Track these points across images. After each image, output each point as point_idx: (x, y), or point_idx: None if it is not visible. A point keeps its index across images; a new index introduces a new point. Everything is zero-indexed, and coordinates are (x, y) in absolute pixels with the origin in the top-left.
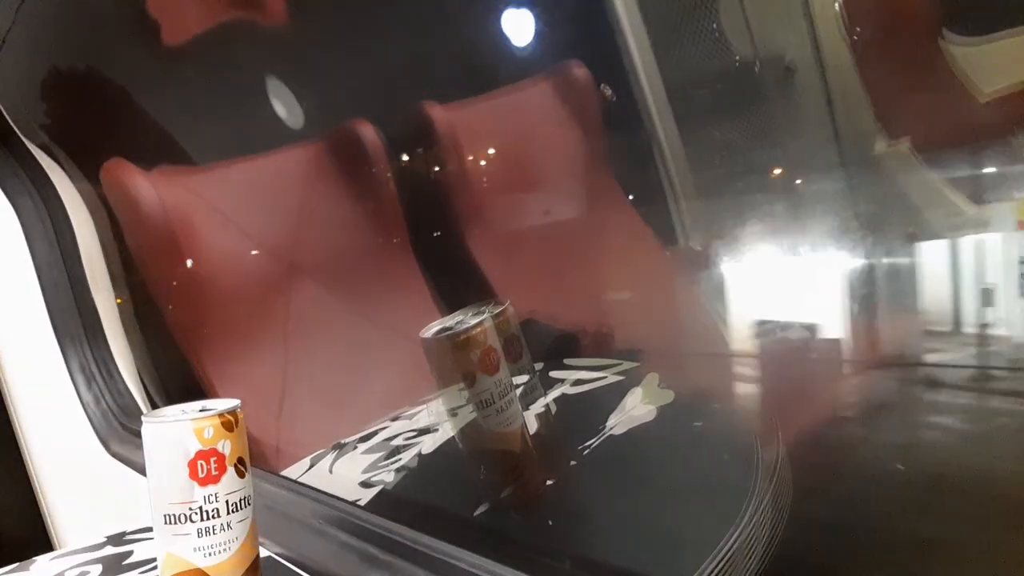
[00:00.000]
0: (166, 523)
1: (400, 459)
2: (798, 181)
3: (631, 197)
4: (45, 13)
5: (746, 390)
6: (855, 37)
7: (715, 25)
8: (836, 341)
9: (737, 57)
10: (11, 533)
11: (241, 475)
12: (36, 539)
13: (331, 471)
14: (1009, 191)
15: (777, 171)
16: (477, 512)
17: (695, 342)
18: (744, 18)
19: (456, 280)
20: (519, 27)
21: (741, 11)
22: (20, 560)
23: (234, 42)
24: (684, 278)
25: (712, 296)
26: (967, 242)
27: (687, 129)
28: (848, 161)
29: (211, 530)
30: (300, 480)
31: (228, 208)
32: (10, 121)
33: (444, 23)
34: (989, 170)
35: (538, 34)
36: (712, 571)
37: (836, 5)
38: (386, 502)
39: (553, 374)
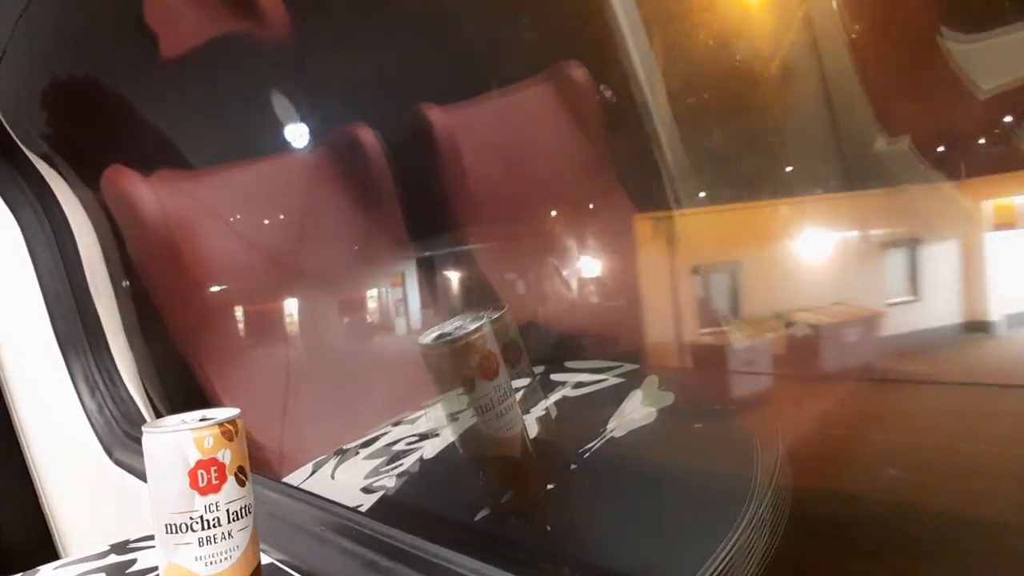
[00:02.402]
0: (167, 532)
1: (401, 464)
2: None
3: (634, 198)
4: (44, 23)
5: (747, 392)
6: (853, 35)
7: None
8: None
9: (737, 56)
10: (16, 542)
11: (242, 484)
12: (41, 548)
13: (333, 477)
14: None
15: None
16: (478, 517)
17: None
18: (743, 15)
19: (456, 284)
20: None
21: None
22: (25, 569)
23: (233, 48)
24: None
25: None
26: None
27: (688, 129)
28: (848, 160)
29: (212, 539)
30: (302, 486)
31: (228, 213)
32: (10, 131)
33: (442, 25)
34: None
35: (537, 34)
36: (712, 574)
37: (834, 3)
38: (388, 507)
39: (554, 377)
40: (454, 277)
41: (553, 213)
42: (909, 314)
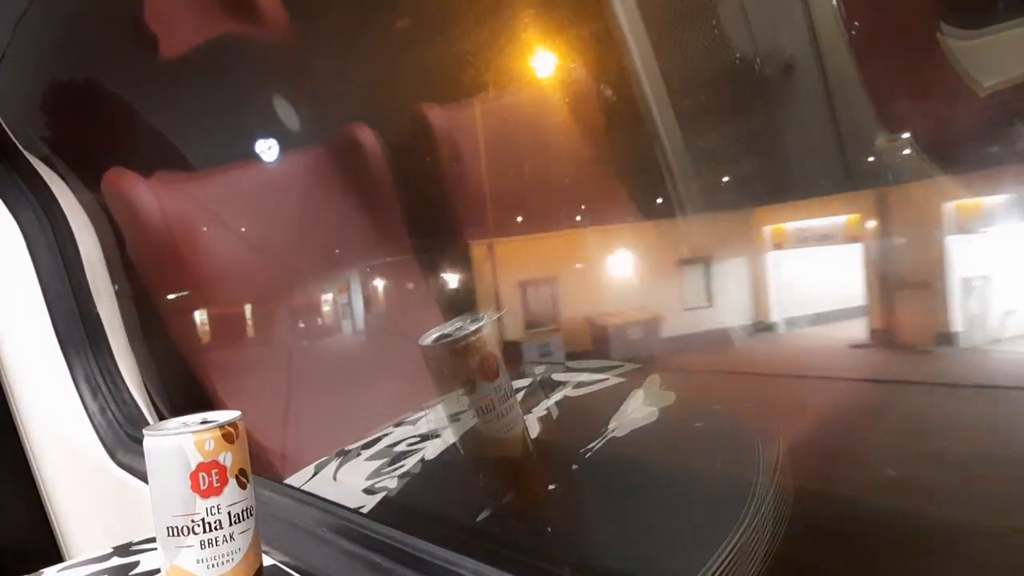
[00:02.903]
0: (169, 535)
1: (403, 465)
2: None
3: (635, 199)
4: (44, 26)
5: (748, 392)
6: (853, 32)
7: (714, 22)
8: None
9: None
10: (20, 545)
11: (243, 486)
12: (44, 550)
13: (335, 478)
14: None
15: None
16: (479, 518)
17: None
18: (743, 14)
19: (458, 284)
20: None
21: (740, 6)
22: (29, 572)
23: (232, 50)
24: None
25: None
26: None
27: (689, 128)
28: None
29: (214, 542)
30: (305, 487)
31: (229, 214)
32: (11, 134)
33: (442, 26)
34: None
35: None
36: (713, 574)
37: (834, 0)
38: (389, 508)
39: (555, 377)
40: (454, 278)
41: (555, 210)
42: (704, 317)
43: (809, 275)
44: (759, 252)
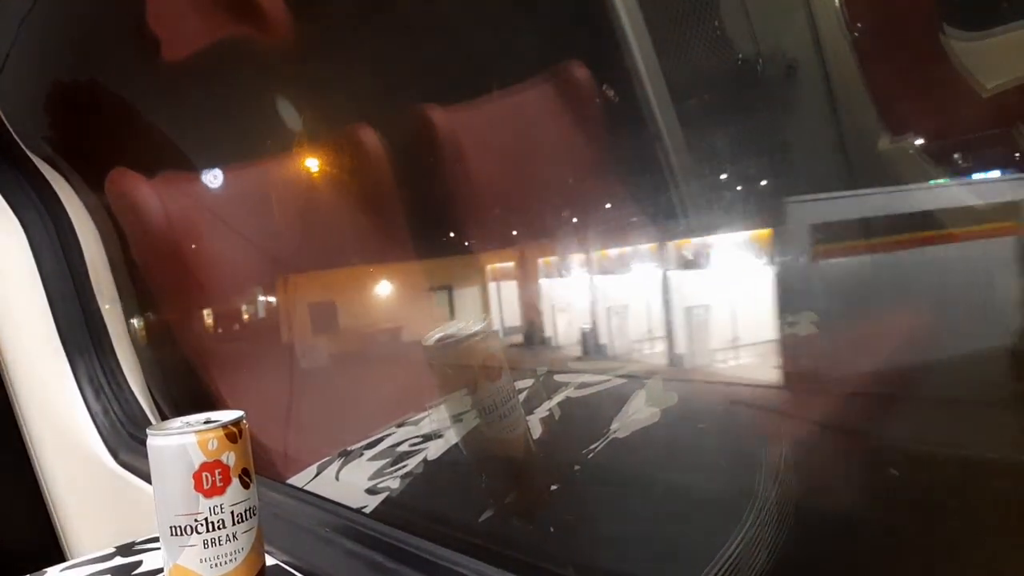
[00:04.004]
0: (172, 535)
1: (405, 465)
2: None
3: (635, 199)
4: (48, 27)
5: (750, 392)
6: (856, 33)
7: (716, 23)
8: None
9: (739, 55)
10: (22, 544)
11: (246, 486)
12: (47, 550)
13: (337, 478)
14: None
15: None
16: (482, 518)
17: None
18: (746, 15)
19: (458, 285)
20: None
21: (743, 8)
22: (32, 571)
23: (236, 51)
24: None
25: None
26: None
27: (690, 130)
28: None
29: (217, 541)
30: (307, 487)
31: (231, 215)
32: (15, 135)
33: (444, 26)
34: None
35: (539, 35)
36: (716, 575)
37: (836, 1)
38: (392, 509)
39: (558, 377)
40: (456, 278)
41: (556, 212)
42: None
43: (511, 299)
44: (484, 283)
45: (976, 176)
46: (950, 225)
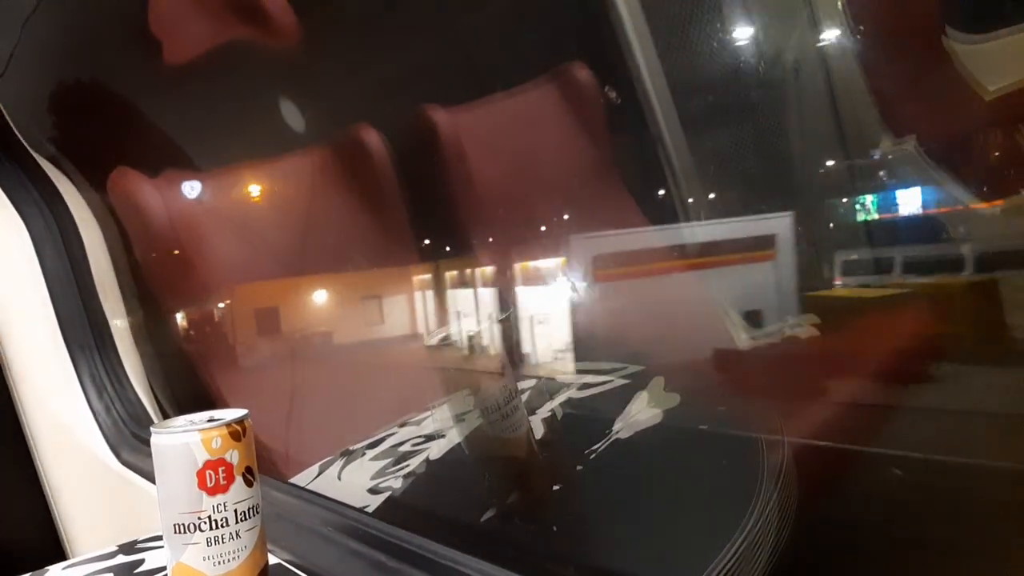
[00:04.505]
0: (175, 532)
1: (408, 465)
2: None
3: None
4: (51, 27)
5: (751, 392)
6: (858, 36)
7: (719, 24)
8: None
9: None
10: (25, 543)
11: (249, 484)
12: (49, 548)
13: (340, 478)
14: None
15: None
16: (484, 518)
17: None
18: (748, 17)
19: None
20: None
21: (745, 10)
22: (34, 570)
23: (239, 51)
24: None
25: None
26: None
27: (693, 131)
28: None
29: (220, 539)
30: (309, 487)
31: (233, 215)
32: (18, 134)
33: (447, 27)
34: None
35: (541, 36)
36: (718, 575)
37: (839, 3)
38: (394, 508)
39: (560, 378)
40: (459, 279)
41: (559, 213)
42: (377, 330)
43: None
44: (411, 292)
45: (733, 218)
46: (704, 255)
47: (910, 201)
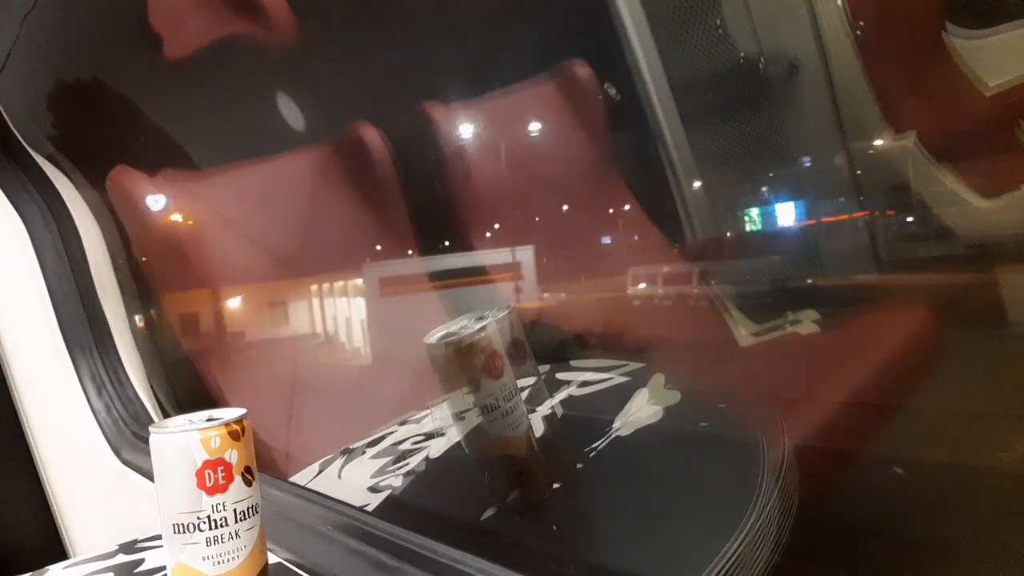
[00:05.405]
0: (175, 532)
1: (408, 464)
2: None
3: (637, 196)
4: (49, 25)
5: (752, 390)
6: (858, 32)
7: (719, 21)
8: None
9: (741, 54)
10: (25, 542)
11: (248, 483)
12: (49, 548)
13: (340, 476)
14: None
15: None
16: (484, 516)
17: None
18: (748, 14)
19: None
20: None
21: (745, 7)
22: (34, 569)
23: (238, 49)
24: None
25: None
26: None
27: (692, 127)
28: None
29: (219, 539)
30: (309, 485)
31: (233, 213)
32: (16, 133)
33: (447, 24)
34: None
35: (542, 34)
36: (718, 573)
37: (839, 0)
38: (394, 507)
39: (560, 376)
40: (459, 276)
41: (558, 209)
42: (283, 329)
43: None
44: (312, 299)
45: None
46: (460, 277)
47: None
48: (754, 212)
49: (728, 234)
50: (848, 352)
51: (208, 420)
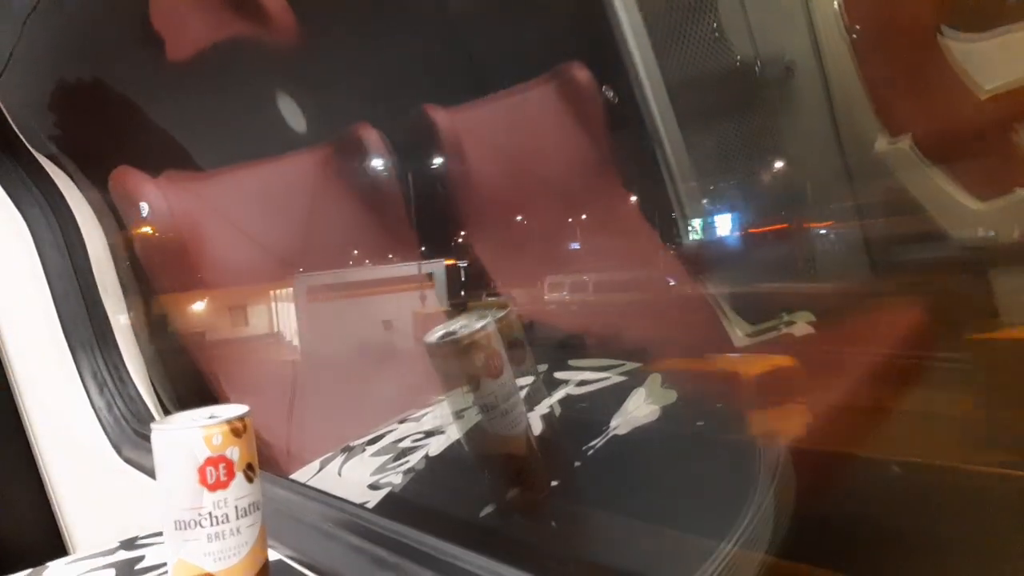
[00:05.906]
0: (176, 529)
1: (408, 461)
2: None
3: (634, 196)
4: (51, 25)
5: (750, 389)
6: (854, 35)
7: (715, 24)
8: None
9: (737, 57)
10: (26, 539)
11: (250, 480)
12: (50, 544)
13: (340, 474)
14: None
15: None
16: (483, 514)
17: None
18: (744, 17)
19: (461, 283)
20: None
21: (742, 10)
22: (35, 566)
23: (240, 51)
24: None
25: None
26: None
27: (689, 129)
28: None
29: (221, 535)
30: (310, 483)
31: (235, 214)
32: (19, 133)
33: (447, 27)
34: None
35: (541, 37)
36: (714, 572)
37: (835, 3)
38: (394, 504)
39: (558, 375)
40: (459, 276)
41: (557, 211)
42: (244, 331)
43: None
44: (269, 304)
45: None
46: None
47: None
48: (749, 213)
49: (724, 235)
50: (842, 352)
51: (210, 417)
